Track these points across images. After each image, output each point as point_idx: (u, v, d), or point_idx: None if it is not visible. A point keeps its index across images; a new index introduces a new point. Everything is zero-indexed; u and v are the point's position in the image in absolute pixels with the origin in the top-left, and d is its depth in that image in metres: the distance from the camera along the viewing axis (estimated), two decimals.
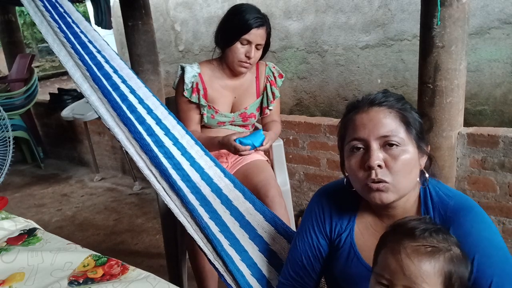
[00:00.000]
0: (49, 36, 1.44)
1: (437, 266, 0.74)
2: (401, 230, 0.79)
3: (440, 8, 1.67)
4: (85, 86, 1.40)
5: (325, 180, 2.51)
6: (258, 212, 1.36)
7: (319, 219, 1.05)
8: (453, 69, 1.75)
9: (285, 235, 1.31)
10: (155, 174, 1.33)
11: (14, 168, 3.88)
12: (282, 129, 2.56)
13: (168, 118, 1.45)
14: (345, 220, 1.02)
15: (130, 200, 3.33)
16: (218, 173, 1.42)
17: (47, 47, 13.50)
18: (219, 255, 1.24)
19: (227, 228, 1.31)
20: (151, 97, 1.46)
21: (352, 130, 0.92)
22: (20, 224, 1.39)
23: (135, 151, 1.36)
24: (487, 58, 3.19)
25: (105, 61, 1.45)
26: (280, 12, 4.26)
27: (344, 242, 1.01)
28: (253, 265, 1.25)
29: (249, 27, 1.63)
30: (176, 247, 1.87)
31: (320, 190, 1.10)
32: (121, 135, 1.38)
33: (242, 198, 1.38)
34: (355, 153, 0.91)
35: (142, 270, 1.07)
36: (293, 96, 4.41)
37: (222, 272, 1.24)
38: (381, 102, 0.91)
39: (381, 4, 3.61)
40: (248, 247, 1.28)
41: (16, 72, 4.43)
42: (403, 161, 0.87)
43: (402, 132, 0.88)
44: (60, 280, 1.05)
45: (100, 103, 1.40)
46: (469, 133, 1.90)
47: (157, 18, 5.15)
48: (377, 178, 0.87)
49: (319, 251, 1.05)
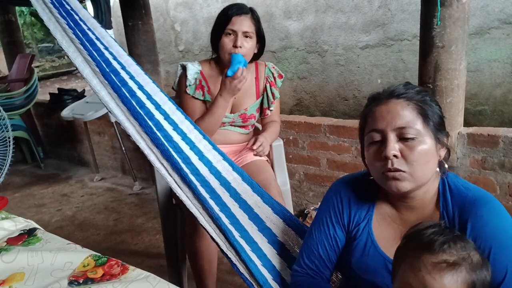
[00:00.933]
0: (58, 33, 1.45)
1: (460, 279, 0.73)
2: (418, 242, 0.78)
3: (440, 8, 1.67)
4: (94, 81, 1.42)
5: (325, 180, 2.51)
6: (266, 205, 1.38)
7: (336, 209, 1.07)
8: (453, 69, 1.76)
9: (293, 227, 1.34)
10: (166, 167, 1.35)
11: (14, 168, 3.87)
12: (282, 129, 2.57)
13: (176, 113, 1.48)
14: (364, 210, 1.04)
15: (130, 200, 3.33)
16: (226, 166, 1.44)
17: (47, 47, 13.51)
18: (232, 245, 1.25)
19: (237, 221, 1.32)
20: (158, 92, 1.49)
21: (371, 121, 0.95)
22: (20, 224, 1.38)
23: (145, 145, 1.38)
24: (487, 58, 3.19)
25: (113, 57, 1.47)
26: (280, 12, 4.26)
27: (361, 232, 1.03)
28: (263, 256, 1.27)
29: (229, 16, 1.66)
30: (176, 247, 1.87)
31: (338, 180, 1.12)
32: (132, 129, 1.39)
33: (250, 191, 1.40)
34: (373, 144, 0.94)
35: (142, 270, 1.07)
36: (293, 96, 4.41)
37: (235, 262, 1.25)
38: (400, 94, 0.93)
39: (381, 4, 3.61)
40: (257, 239, 1.30)
41: (16, 72, 4.43)
42: (420, 152, 0.89)
43: (419, 124, 0.90)
44: (60, 280, 1.05)
45: (110, 98, 1.41)
46: (469, 133, 1.90)
47: (157, 18, 5.15)
48: (393, 167, 0.89)
49: (335, 242, 1.06)
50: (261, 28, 1.74)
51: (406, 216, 1.00)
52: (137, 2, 2.93)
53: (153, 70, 3.07)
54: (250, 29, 1.68)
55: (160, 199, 1.81)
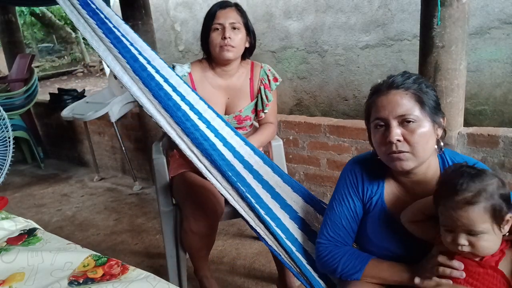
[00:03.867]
0: (87, 33, 1.52)
1: (481, 207, 0.92)
2: (447, 187, 0.97)
3: (440, 8, 1.67)
4: (125, 78, 1.48)
5: (325, 180, 2.51)
6: (286, 184, 1.52)
7: (353, 184, 1.20)
8: (453, 69, 1.75)
9: (311, 203, 1.49)
10: (196, 154, 1.44)
11: (14, 168, 3.87)
12: (282, 129, 2.57)
13: (199, 103, 1.56)
14: (375, 185, 1.17)
15: (130, 200, 3.33)
16: (248, 151, 1.56)
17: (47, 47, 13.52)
18: (261, 220, 1.37)
19: (261, 200, 1.45)
20: (182, 84, 1.57)
21: (374, 111, 1.08)
22: (20, 224, 1.38)
23: (176, 135, 1.46)
24: (487, 58, 3.19)
25: (139, 53, 1.54)
26: (280, 12, 4.26)
27: (375, 204, 1.16)
28: (286, 231, 1.40)
29: (214, 12, 1.71)
30: (176, 247, 1.87)
31: (352, 160, 1.25)
32: (163, 121, 1.46)
33: (271, 173, 1.54)
34: (378, 130, 1.08)
35: (142, 270, 1.07)
36: (293, 96, 4.41)
37: (264, 235, 1.37)
38: (399, 84, 1.05)
39: (381, 4, 3.61)
40: (280, 215, 1.43)
41: (16, 72, 4.42)
42: (420, 134, 1.02)
43: (417, 110, 1.03)
44: (60, 280, 1.05)
45: (141, 93, 1.48)
46: (469, 133, 1.90)
47: (157, 18, 5.15)
48: (397, 149, 1.03)
49: (355, 213, 1.19)
50: (249, 21, 1.76)
51: (413, 190, 1.13)
52: (137, 2, 2.93)
53: None
54: (237, 20, 1.70)
55: (160, 199, 1.81)
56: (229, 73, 1.78)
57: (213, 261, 2.25)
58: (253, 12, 4.39)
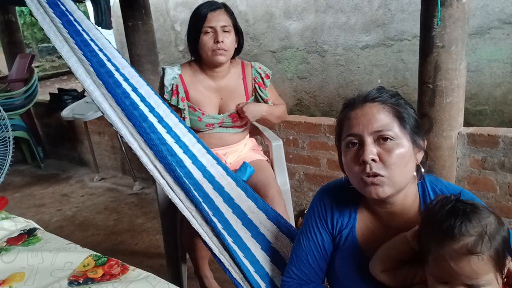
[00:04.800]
0: (51, 33, 1.44)
1: (485, 256, 0.76)
2: (438, 229, 0.80)
3: (440, 8, 1.67)
4: (88, 81, 1.40)
5: (325, 180, 2.51)
6: (260, 210, 1.37)
7: (321, 216, 1.06)
8: (453, 69, 1.75)
9: (288, 234, 1.32)
10: (159, 169, 1.33)
11: (14, 168, 3.88)
12: (282, 129, 2.57)
13: (170, 116, 1.48)
14: (346, 217, 1.04)
15: (130, 200, 3.33)
16: (220, 171, 1.44)
17: (47, 47, 13.50)
18: (226, 248, 1.23)
19: (230, 226, 1.31)
20: (153, 95, 1.49)
21: (347, 126, 0.95)
22: (20, 224, 1.38)
23: (138, 146, 1.36)
24: (487, 58, 3.19)
25: (107, 59, 1.46)
26: (280, 12, 4.26)
27: (346, 239, 1.02)
28: (256, 262, 1.26)
29: (204, 14, 1.65)
30: (176, 247, 1.87)
31: (322, 188, 1.11)
32: (125, 130, 1.37)
33: (244, 197, 1.39)
34: (350, 149, 0.93)
35: (142, 270, 1.07)
36: (293, 96, 4.41)
37: (228, 266, 1.23)
38: (375, 97, 0.93)
39: (381, 4, 3.61)
40: (251, 245, 1.29)
41: (16, 72, 4.42)
42: (398, 155, 0.89)
43: (396, 126, 0.90)
44: (60, 280, 1.05)
45: (103, 98, 1.39)
46: (469, 133, 1.90)
47: (157, 18, 5.15)
48: (371, 172, 0.88)
49: (323, 248, 1.06)
50: (237, 21, 1.74)
51: (388, 222, 0.99)
52: (137, 2, 2.93)
53: (153, 70, 3.07)
54: (227, 22, 1.68)
55: (160, 199, 1.81)
56: (220, 74, 1.76)
57: (213, 261, 2.25)
58: (253, 12, 4.39)
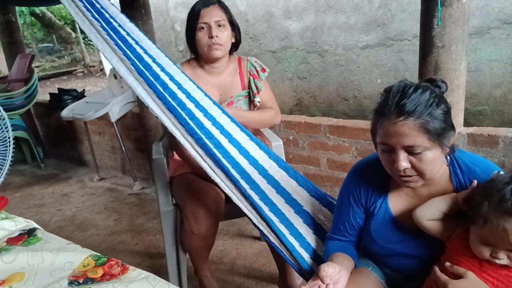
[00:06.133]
0: (92, 35, 1.54)
1: None
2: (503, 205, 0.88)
3: (440, 8, 1.67)
4: (130, 79, 1.50)
5: (325, 180, 2.51)
6: (291, 178, 1.51)
7: (355, 193, 1.21)
8: (453, 69, 1.76)
9: (317, 197, 1.48)
10: (200, 154, 1.46)
11: (14, 168, 3.87)
12: (282, 129, 2.57)
13: (204, 99, 1.56)
14: (378, 190, 1.18)
15: (130, 200, 3.33)
16: (254, 146, 1.55)
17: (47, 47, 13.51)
18: (263, 218, 1.38)
19: (266, 196, 1.45)
20: (188, 81, 1.57)
21: (381, 134, 1.03)
22: (20, 224, 1.38)
23: (181, 135, 1.47)
24: (487, 58, 3.19)
25: (144, 51, 1.55)
26: (280, 12, 4.26)
27: (379, 208, 1.17)
28: (290, 225, 1.40)
29: (198, 11, 1.70)
30: (176, 247, 1.87)
31: (355, 167, 1.24)
32: (168, 122, 1.48)
33: (276, 167, 1.53)
34: (384, 152, 1.05)
35: (142, 270, 1.07)
36: (293, 96, 4.41)
37: (266, 233, 1.39)
38: (410, 112, 0.97)
39: (381, 4, 3.61)
40: (285, 210, 1.43)
41: (16, 72, 4.42)
42: (428, 161, 1.00)
43: (426, 140, 0.98)
44: (60, 280, 1.05)
45: (146, 94, 1.49)
46: (469, 133, 1.90)
47: (157, 18, 5.14)
48: (405, 174, 1.02)
49: (355, 220, 1.22)
50: (233, 17, 1.76)
51: (420, 191, 1.12)
52: (137, 2, 2.93)
53: None
54: (221, 17, 1.70)
55: (160, 199, 1.81)
56: (219, 70, 1.79)
57: (213, 261, 2.25)
58: (253, 12, 4.39)
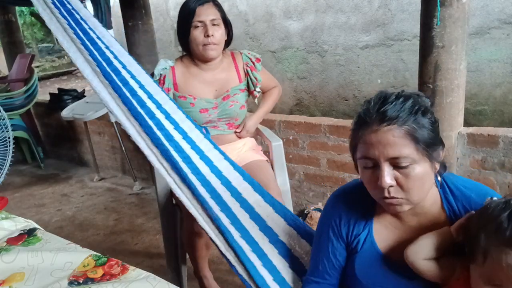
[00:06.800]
0: (59, 33, 1.47)
1: None
2: (502, 235, 0.78)
3: (440, 8, 1.67)
4: (95, 81, 1.43)
5: (325, 180, 2.51)
6: (267, 204, 1.38)
7: (335, 223, 1.05)
8: (453, 69, 1.75)
9: (295, 226, 1.33)
10: (166, 167, 1.36)
11: (14, 168, 3.87)
12: (282, 129, 2.57)
13: (177, 112, 1.49)
14: (362, 221, 1.02)
15: (130, 200, 3.32)
16: (227, 166, 1.45)
17: (47, 47, 13.49)
18: (230, 246, 1.25)
19: (238, 220, 1.32)
20: (160, 92, 1.51)
21: (362, 147, 0.90)
22: (20, 224, 1.38)
23: (145, 145, 1.39)
24: (487, 58, 3.19)
25: (114, 57, 1.49)
26: (280, 12, 4.26)
27: (364, 242, 1.01)
28: (264, 256, 1.26)
29: (193, 9, 1.66)
30: (176, 247, 1.87)
31: (334, 194, 1.10)
32: (132, 129, 1.40)
33: (251, 190, 1.41)
34: (366, 169, 0.91)
35: (142, 270, 1.07)
36: (293, 96, 4.41)
37: (234, 263, 1.25)
38: (393, 118, 0.86)
39: (381, 4, 3.61)
40: (258, 239, 1.29)
41: (16, 72, 4.42)
42: (415, 178, 0.87)
43: (413, 150, 0.86)
44: (60, 280, 1.05)
45: (110, 98, 1.42)
46: (469, 133, 1.90)
47: (157, 18, 5.14)
48: (390, 195, 0.88)
49: (335, 257, 1.05)
50: (225, 14, 1.75)
51: (409, 221, 0.98)
52: (137, 2, 2.93)
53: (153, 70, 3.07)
54: (216, 16, 1.69)
55: (160, 199, 1.81)
56: (213, 66, 1.77)
57: (213, 261, 2.25)
58: (253, 12, 4.39)
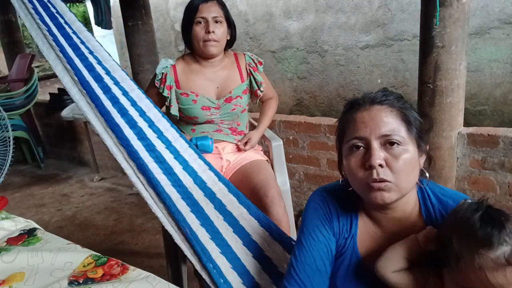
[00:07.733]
0: (39, 39, 1.43)
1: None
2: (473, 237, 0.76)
3: (440, 8, 1.67)
4: (74, 90, 1.41)
5: (325, 180, 2.51)
6: (252, 217, 1.32)
7: (327, 216, 1.00)
8: (453, 69, 1.75)
9: (281, 241, 1.26)
10: (142, 182, 1.32)
11: (14, 168, 3.88)
12: (282, 129, 2.57)
13: (161, 120, 1.45)
14: (348, 222, 0.99)
15: (130, 200, 3.33)
16: (212, 176, 1.40)
17: None
18: (204, 266, 1.21)
19: (219, 235, 1.27)
20: (144, 99, 1.47)
21: (352, 128, 0.90)
22: (20, 224, 1.38)
23: (122, 158, 1.35)
24: (487, 58, 3.19)
25: (97, 62, 1.46)
26: (280, 12, 4.26)
27: (347, 247, 0.98)
28: (245, 273, 1.21)
29: (196, 5, 1.68)
30: (176, 247, 1.86)
31: (320, 189, 1.06)
32: (109, 141, 1.36)
33: (236, 203, 1.34)
34: (355, 152, 0.89)
35: (142, 270, 1.07)
36: (293, 96, 4.41)
37: (210, 284, 1.19)
38: (382, 100, 0.90)
39: (381, 4, 3.61)
40: (241, 254, 1.24)
41: (16, 72, 4.43)
42: (405, 160, 0.86)
43: (403, 131, 0.87)
44: (60, 280, 1.05)
45: (88, 108, 1.39)
46: (469, 133, 1.90)
47: (157, 18, 5.14)
48: (378, 177, 0.85)
49: (330, 251, 0.98)
50: (229, 14, 1.76)
51: (389, 228, 0.96)
52: (137, 2, 2.93)
53: (153, 70, 3.05)
54: (219, 13, 1.69)
55: None
56: (214, 64, 1.78)
57: None
58: (253, 12, 4.39)
